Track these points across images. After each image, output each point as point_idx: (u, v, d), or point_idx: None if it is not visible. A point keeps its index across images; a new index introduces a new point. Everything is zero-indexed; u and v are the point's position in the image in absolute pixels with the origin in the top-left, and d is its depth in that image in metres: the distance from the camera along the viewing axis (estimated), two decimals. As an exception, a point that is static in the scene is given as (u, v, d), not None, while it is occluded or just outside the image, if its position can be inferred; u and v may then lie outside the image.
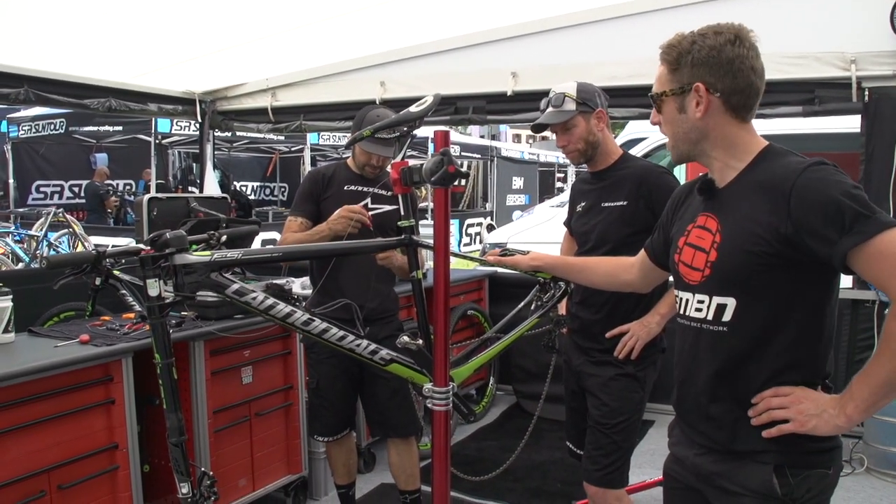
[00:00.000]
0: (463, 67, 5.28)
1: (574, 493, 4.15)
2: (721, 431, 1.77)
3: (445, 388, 2.10)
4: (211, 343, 3.45)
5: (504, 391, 6.01)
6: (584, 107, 2.83)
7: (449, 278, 2.09)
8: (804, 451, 1.69)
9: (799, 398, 1.66)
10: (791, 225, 1.60)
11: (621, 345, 2.85)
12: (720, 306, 1.74)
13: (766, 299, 1.69)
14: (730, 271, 1.72)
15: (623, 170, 2.89)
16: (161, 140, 14.36)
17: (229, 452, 3.58)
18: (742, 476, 1.73)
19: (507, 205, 19.60)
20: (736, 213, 1.73)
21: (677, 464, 1.93)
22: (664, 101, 1.81)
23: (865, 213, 1.55)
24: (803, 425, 1.64)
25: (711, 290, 1.76)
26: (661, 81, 1.82)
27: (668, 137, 1.84)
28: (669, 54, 1.79)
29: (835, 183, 1.59)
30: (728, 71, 1.72)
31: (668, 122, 1.82)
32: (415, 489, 3.50)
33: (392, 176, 2.27)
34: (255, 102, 6.12)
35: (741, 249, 1.69)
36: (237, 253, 2.18)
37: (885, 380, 1.56)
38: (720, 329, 1.75)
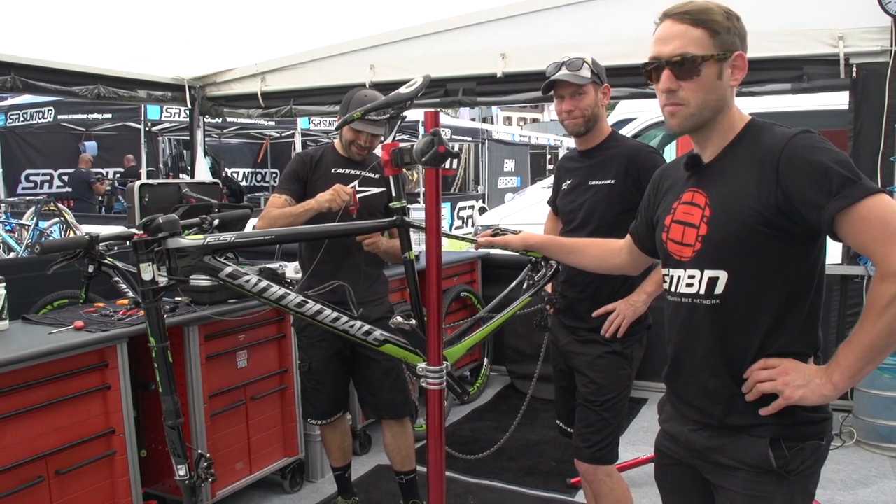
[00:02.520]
0: (452, 49, 5.28)
1: (569, 471, 4.19)
2: (717, 405, 1.79)
3: (439, 366, 2.12)
4: (205, 328, 3.46)
5: (498, 372, 6.05)
6: (597, 78, 2.85)
7: (441, 259, 2.11)
8: (798, 423, 1.71)
9: (786, 370, 1.68)
10: (781, 193, 1.62)
11: (608, 323, 2.86)
12: (712, 279, 1.75)
13: (757, 270, 1.70)
14: (722, 244, 1.73)
15: (612, 149, 2.89)
16: (151, 127, 14.29)
17: (226, 436, 3.61)
18: (737, 450, 1.75)
19: (498, 187, 19.58)
20: (724, 187, 1.74)
21: (670, 440, 1.95)
22: (705, 65, 1.70)
23: (852, 178, 1.56)
24: (791, 396, 1.66)
25: (703, 265, 1.76)
26: (700, 43, 1.70)
27: (692, 104, 1.73)
28: (714, 15, 1.71)
29: (822, 149, 1.61)
30: (746, 44, 1.75)
31: (703, 88, 1.71)
32: (410, 469, 3.53)
33: (383, 157, 2.27)
34: (244, 88, 6.12)
35: (733, 221, 1.70)
36: (230, 236, 2.18)
37: (869, 345, 1.58)
38: (713, 302, 1.76)
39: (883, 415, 4.37)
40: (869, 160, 4.46)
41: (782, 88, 4.71)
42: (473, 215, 16.84)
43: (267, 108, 6.10)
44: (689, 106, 1.73)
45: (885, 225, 1.54)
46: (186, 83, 6.23)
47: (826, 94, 5.03)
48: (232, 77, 6.15)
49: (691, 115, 1.74)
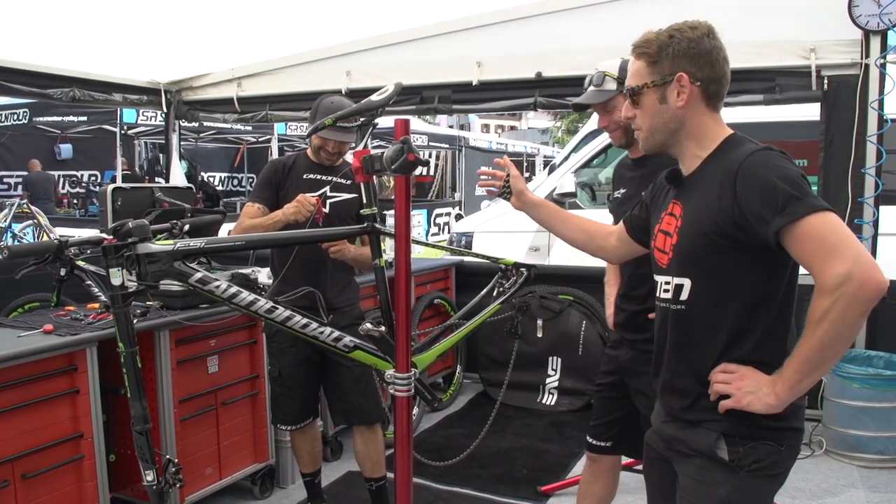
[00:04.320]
0: (428, 57, 5.31)
1: (540, 478, 4.21)
2: (680, 402, 1.90)
3: (407, 373, 2.13)
4: (176, 333, 3.45)
5: (471, 379, 6.05)
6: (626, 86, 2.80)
7: (410, 265, 2.13)
8: (753, 426, 1.77)
9: (742, 376, 1.75)
10: (737, 207, 1.69)
11: None
12: (678, 286, 1.86)
13: (716, 280, 1.79)
14: (685, 253, 1.83)
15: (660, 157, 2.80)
16: (127, 130, 14.20)
17: (196, 441, 3.59)
18: (693, 440, 1.86)
19: (475, 195, 19.62)
20: (695, 199, 1.83)
21: (653, 433, 2.06)
22: (644, 93, 1.87)
23: (797, 195, 1.63)
24: (739, 401, 1.73)
25: (672, 272, 1.88)
26: (639, 75, 1.87)
27: (644, 129, 1.91)
28: (648, 48, 1.85)
29: (774, 167, 1.68)
30: (707, 61, 1.82)
31: (647, 114, 1.89)
32: (380, 476, 3.53)
33: (354, 164, 2.28)
34: (220, 92, 6.11)
35: (696, 232, 1.80)
36: (200, 242, 2.18)
37: (805, 357, 1.65)
38: (679, 308, 1.87)
39: (851, 424, 4.42)
40: (840, 171, 4.53)
41: (755, 99, 4.77)
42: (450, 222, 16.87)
43: (243, 114, 6.10)
44: (642, 130, 1.93)
45: (823, 242, 1.60)
46: (162, 87, 6.22)
47: (798, 106, 5.10)
48: (208, 82, 6.15)
49: (645, 138, 1.94)
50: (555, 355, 5.67)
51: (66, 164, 16.42)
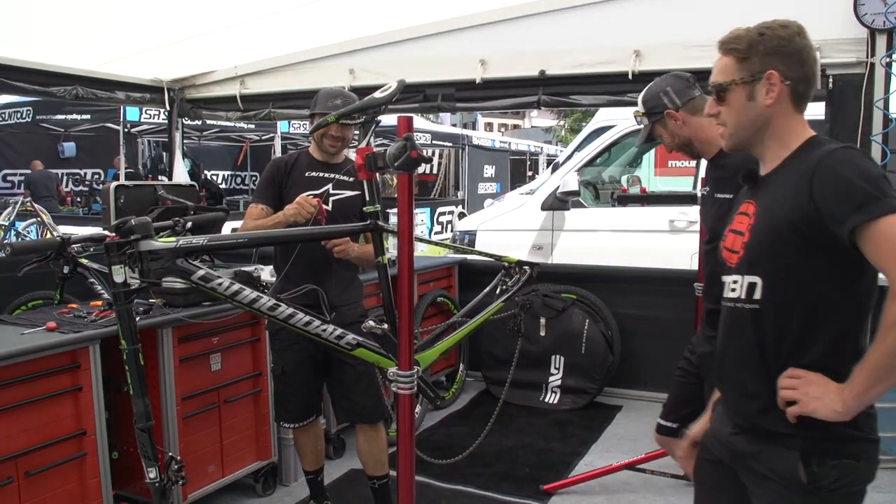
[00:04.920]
0: (431, 55, 5.29)
1: (542, 477, 4.21)
2: (752, 406, 1.83)
3: (410, 371, 2.13)
4: (179, 330, 3.45)
5: (473, 378, 6.05)
6: (653, 115, 2.84)
7: (413, 263, 2.12)
8: (827, 438, 1.72)
9: (809, 381, 1.70)
10: (812, 203, 1.67)
11: None
12: (751, 285, 1.82)
13: (789, 279, 1.76)
14: (757, 250, 1.81)
15: (730, 158, 2.73)
16: (130, 128, 14.21)
17: (198, 439, 3.59)
18: (770, 459, 1.79)
19: (478, 193, 19.63)
20: (770, 197, 1.81)
21: (714, 438, 2.00)
22: (732, 89, 1.84)
23: (875, 194, 1.61)
24: (805, 407, 1.68)
25: (743, 270, 1.84)
26: (727, 71, 1.85)
27: (729, 126, 1.88)
28: (738, 44, 1.84)
29: (853, 164, 1.67)
30: (798, 60, 1.82)
31: (734, 111, 1.86)
32: (383, 474, 3.53)
33: (357, 161, 2.29)
34: (223, 90, 6.09)
35: (769, 229, 1.78)
36: (202, 239, 2.19)
37: (874, 364, 1.62)
38: (751, 307, 1.82)
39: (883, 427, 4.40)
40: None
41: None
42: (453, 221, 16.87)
43: (246, 112, 6.07)
44: (727, 127, 1.89)
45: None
46: (165, 85, 6.19)
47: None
48: (211, 80, 6.12)
49: (730, 135, 1.90)
50: (557, 354, 5.66)
51: (69, 163, 16.42)
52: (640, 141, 2.91)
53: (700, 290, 3.99)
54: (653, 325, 5.62)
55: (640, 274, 5.85)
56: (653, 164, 9.56)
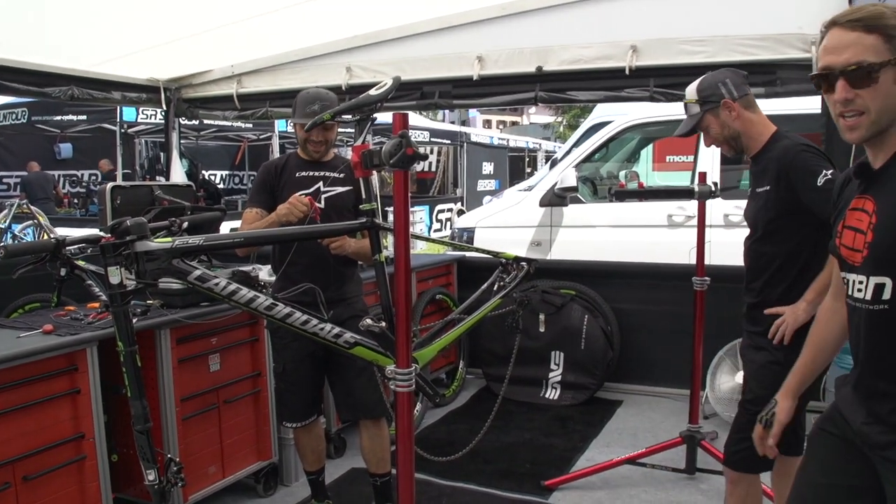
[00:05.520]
0: (428, 52, 5.27)
1: (543, 473, 4.21)
2: (888, 406, 1.78)
3: (408, 369, 2.12)
4: (177, 331, 3.43)
5: (474, 375, 6.05)
6: (708, 104, 2.83)
7: (410, 260, 2.11)
8: None
9: None
10: None
11: (774, 328, 2.80)
12: (878, 286, 1.73)
13: None
14: (885, 251, 1.71)
15: (770, 152, 2.81)
16: (127, 129, 14.19)
17: (198, 440, 3.58)
18: None
19: (477, 190, 19.62)
20: (891, 192, 1.72)
21: (841, 419, 1.93)
22: (882, 71, 1.67)
23: None
24: None
25: (869, 271, 1.75)
26: (875, 50, 1.68)
27: (872, 111, 1.71)
28: (887, 20, 1.68)
29: None
30: None
31: (881, 95, 1.68)
32: (385, 472, 3.52)
33: (353, 159, 2.27)
34: (220, 90, 6.07)
35: (894, 227, 1.69)
36: (199, 239, 2.17)
37: None
38: (880, 308, 1.74)
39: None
40: (841, 164, 4.50)
41: (756, 92, 4.70)
42: (452, 218, 16.87)
43: (243, 111, 6.04)
44: (869, 114, 1.71)
45: None
46: (161, 85, 6.18)
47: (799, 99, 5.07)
48: (208, 79, 6.10)
49: (872, 122, 1.72)
50: (557, 350, 5.66)
51: (66, 164, 16.41)
52: (684, 130, 2.89)
53: (699, 285, 3.99)
54: (652, 320, 5.62)
55: (639, 269, 5.84)
56: (651, 160, 9.55)
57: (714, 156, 6.53)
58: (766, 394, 2.81)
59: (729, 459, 2.96)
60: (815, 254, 2.68)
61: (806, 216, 2.65)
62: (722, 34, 4.45)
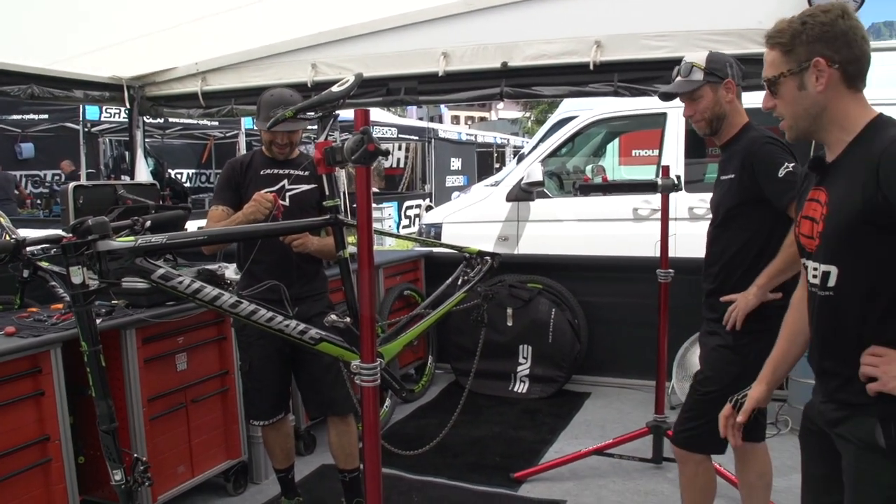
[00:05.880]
0: (393, 48, 5.27)
1: (512, 465, 4.24)
2: (833, 383, 1.91)
3: (373, 363, 2.13)
4: (143, 331, 3.42)
5: (443, 370, 6.08)
6: (713, 77, 2.85)
7: (373, 255, 2.13)
8: None
9: (890, 360, 1.76)
10: (881, 193, 1.70)
11: (727, 315, 2.87)
12: (825, 273, 1.86)
13: (863, 267, 1.80)
14: (831, 241, 1.84)
15: (738, 142, 2.89)
16: (90, 128, 14.00)
17: (166, 440, 3.57)
18: (852, 425, 1.86)
19: (445, 186, 19.61)
20: (840, 186, 1.83)
21: (811, 407, 2.07)
22: (782, 82, 1.88)
23: None
24: (885, 385, 1.75)
25: (820, 259, 1.88)
26: (775, 65, 1.89)
27: (787, 118, 1.91)
28: (782, 37, 1.87)
29: None
30: (844, 42, 1.82)
31: (788, 103, 1.89)
32: (354, 468, 3.54)
33: (315, 156, 2.28)
34: (185, 87, 6.01)
35: (841, 220, 1.80)
36: (162, 238, 2.17)
37: None
38: (827, 294, 1.88)
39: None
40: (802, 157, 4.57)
41: (717, 86, 4.80)
42: (420, 214, 16.87)
43: (208, 108, 6.00)
44: (786, 120, 1.92)
45: None
46: (125, 83, 6.10)
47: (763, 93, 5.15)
48: (172, 77, 6.04)
49: (790, 127, 1.92)
50: (525, 343, 5.71)
51: (28, 164, 16.12)
52: (681, 90, 2.89)
53: (663, 277, 4.04)
54: (618, 313, 5.69)
55: (605, 262, 5.91)
56: (617, 154, 9.62)
57: (678, 149, 6.59)
58: (714, 375, 2.90)
59: (675, 437, 3.05)
60: (771, 243, 2.75)
61: (765, 206, 2.72)
62: (684, 29, 4.49)
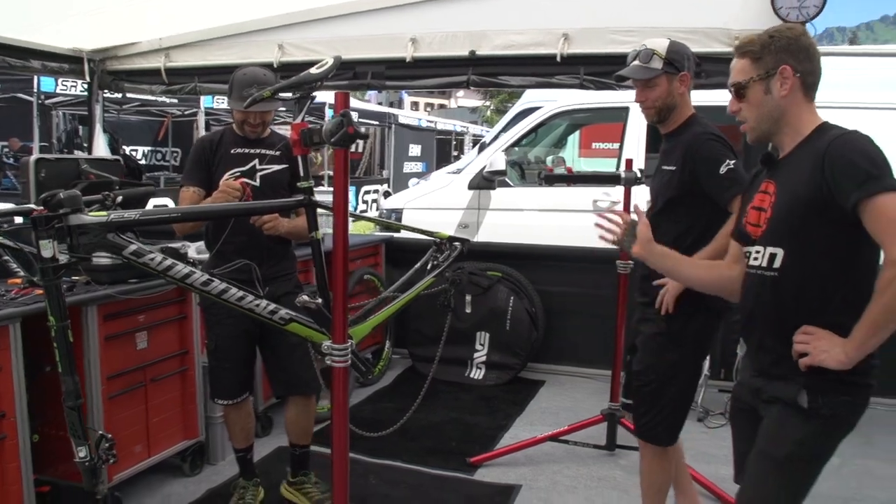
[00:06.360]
0: (362, 32, 5.26)
1: (469, 450, 4.29)
2: (770, 358, 2.13)
3: (344, 344, 2.15)
4: (104, 308, 3.38)
5: (400, 354, 6.11)
6: (671, 67, 2.88)
7: (348, 238, 2.14)
8: (830, 380, 2.00)
9: (819, 337, 1.99)
10: (825, 182, 1.93)
11: (659, 298, 2.94)
12: (772, 255, 2.08)
13: (807, 249, 2.02)
14: (779, 225, 2.07)
15: (682, 134, 2.92)
16: (44, 100, 13.67)
17: (124, 419, 3.53)
18: (778, 388, 2.10)
19: (403, 172, 19.62)
20: (788, 178, 2.06)
21: (741, 386, 2.31)
22: (750, 86, 2.10)
23: (876, 173, 1.87)
24: (815, 358, 1.97)
25: (766, 242, 2.10)
26: (744, 71, 2.12)
27: (750, 120, 2.13)
28: (752, 46, 2.10)
29: (858, 147, 1.93)
30: (805, 56, 2.08)
31: (754, 105, 2.11)
32: (306, 444, 3.60)
33: (292, 137, 2.28)
34: (147, 63, 5.90)
35: (789, 206, 2.04)
36: (135, 213, 2.16)
37: (872, 320, 1.90)
38: (772, 274, 2.09)
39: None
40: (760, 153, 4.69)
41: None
42: (378, 199, 16.84)
43: (170, 85, 5.91)
44: (748, 122, 2.15)
45: (892, 219, 1.84)
46: (85, 55, 5.98)
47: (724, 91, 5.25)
48: (134, 51, 5.92)
49: (752, 128, 2.15)
50: (483, 330, 5.77)
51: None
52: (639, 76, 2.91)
53: (622, 268, 4.12)
54: (576, 302, 5.77)
55: (564, 252, 5.97)
56: (577, 146, 9.72)
57: (639, 143, 6.69)
58: (651, 365, 2.98)
59: (635, 429, 3.14)
60: (705, 235, 2.82)
61: (703, 199, 2.80)
62: (651, 26, 4.55)
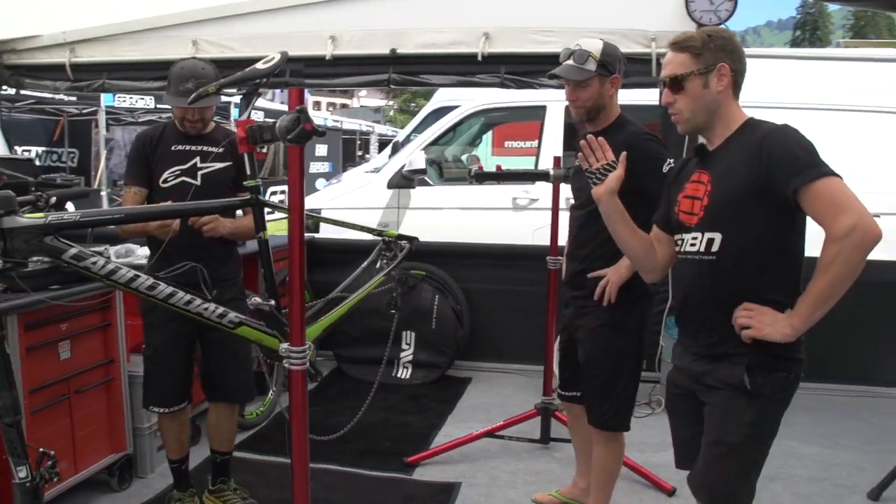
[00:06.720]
0: (280, 30, 5.17)
1: (404, 450, 4.27)
2: (712, 337, 2.24)
3: (302, 346, 2.10)
4: (25, 316, 3.18)
5: (324, 356, 6.00)
6: (604, 70, 2.94)
7: (304, 237, 2.10)
8: (769, 355, 2.14)
9: (761, 312, 2.12)
10: (763, 171, 2.07)
11: (599, 289, 2.98)
12: (710, 240, 2.21)
13: (745, 232, 2.15)
14: (717, 211, 2.20)
15: (614, 134, 2.91)
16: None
17: (48, 434, 3.31)
18: (721, 374, 2.21)
19: (310, 172, 19.36)
20: (723, 167, 2.21)
21: (677, 372, 2.41)
22: (690, 80, 2.21)
23: (812, 162, 2.03)
24: (760, 331, 2.10)
25: (703, 228, 2.23)
26: (685, 65, 2.22)
27: (686, 112, 2.25)
28: (694, 42, 2.22)
29: (793, 138, 2.09)
30: (738, 57, 2.24)
31: (691, 98, 2.23)
32: (228, 451, 3.54)
33: (238, 134, 2.21)
34: (50, 57, 5.58)
35: (726, 193, 2.18)
36: (75, 215, 2.05)
37: (818, 294, 2.03)
38: (710, 258, 2.21)
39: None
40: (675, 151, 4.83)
41: (601, 83, 4.99)
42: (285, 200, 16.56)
43: (76, 82, 5.63)
44: (682, 114, 2.26)
45: (833, 200, 1.99)
46: (-20, 49, 5.65)
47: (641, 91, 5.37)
48: (35, 45, 5.59)
49: (687, 120, 2.27)
50: (409, 329, 5.74)
51: None
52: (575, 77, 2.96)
53: (553, 264, 4.17)
54: (500, 299, 5.82)
55: (487, 249, 6.01)
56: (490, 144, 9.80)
57: (557, 141, 6.80)
58: (602, 353, 3.06)
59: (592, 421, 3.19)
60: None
61: (637, 196, 2.84)
62: (571, 26, 4.63)
